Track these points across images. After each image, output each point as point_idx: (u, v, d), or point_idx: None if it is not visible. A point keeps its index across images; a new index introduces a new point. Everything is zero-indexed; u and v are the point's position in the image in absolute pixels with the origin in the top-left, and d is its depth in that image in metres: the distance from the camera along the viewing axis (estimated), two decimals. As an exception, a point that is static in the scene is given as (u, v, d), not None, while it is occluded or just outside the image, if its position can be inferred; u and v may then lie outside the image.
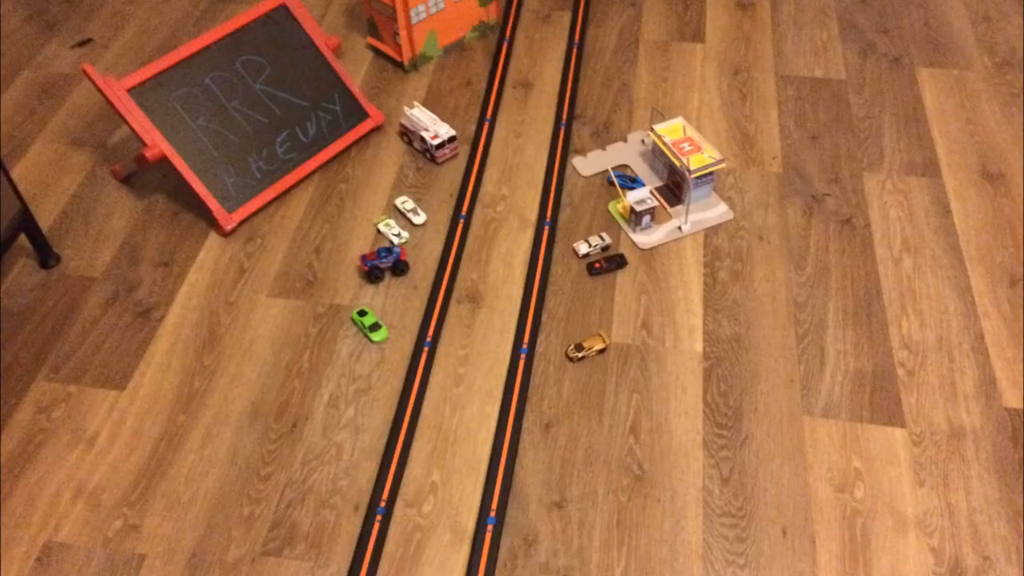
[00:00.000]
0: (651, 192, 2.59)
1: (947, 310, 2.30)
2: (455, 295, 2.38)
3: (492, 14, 3.23)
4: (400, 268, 2.43)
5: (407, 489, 1.98)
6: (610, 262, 2.43)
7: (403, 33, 3.00)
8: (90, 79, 2.45)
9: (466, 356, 2.23)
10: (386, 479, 1.99)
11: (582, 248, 2.47)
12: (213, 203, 2.55)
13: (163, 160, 2.55)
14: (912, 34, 3.18)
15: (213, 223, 2.60)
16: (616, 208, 2.61)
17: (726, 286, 2.38)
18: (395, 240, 2.52)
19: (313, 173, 2.76)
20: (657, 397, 2.13)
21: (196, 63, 2.61)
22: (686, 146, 2.56)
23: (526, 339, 2.25)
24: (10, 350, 2.26)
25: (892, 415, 2.08)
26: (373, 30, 3.14)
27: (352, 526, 1.93)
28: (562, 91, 3.00)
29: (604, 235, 2.50)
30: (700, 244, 2.50)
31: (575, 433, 2.07)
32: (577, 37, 3.21)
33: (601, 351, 2.23)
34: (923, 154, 2.73)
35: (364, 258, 2.41)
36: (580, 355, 2.20)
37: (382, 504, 1.94)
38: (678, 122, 2.65)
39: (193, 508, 1.96)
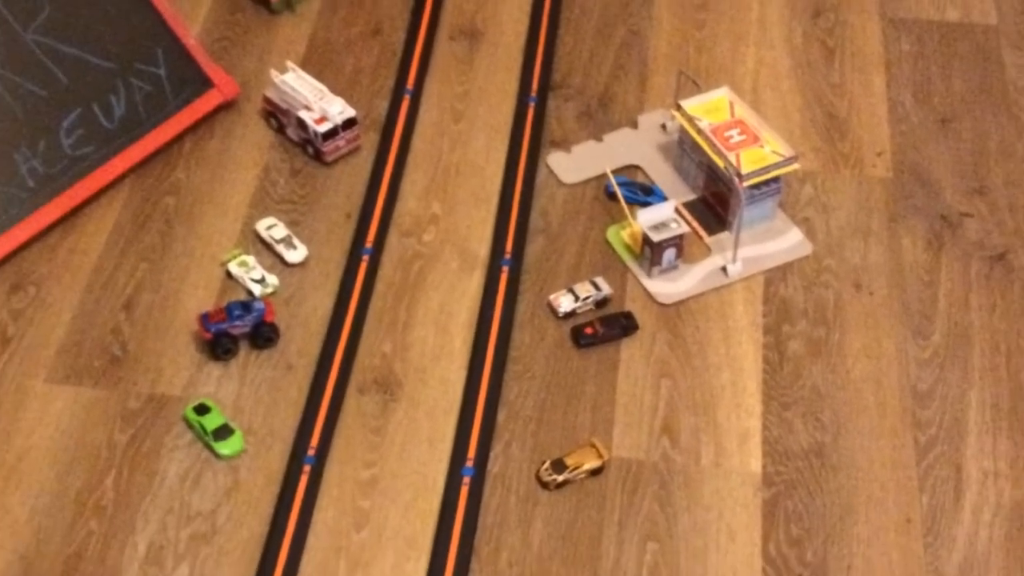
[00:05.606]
0: (677, 210, 2.62)
1: None
2: (355, 380, 2.43)
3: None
4: (265, 335, 2.47)
5: None
6: (610, 326, 2.48)
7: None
8: None
9: (373, 480, 2.28)
10: None
11: (564, 303, 2.52)
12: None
13: None
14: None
15: (-48, 262, 2.67)
16: (620, 237, 2.66)
17: (801, 365, 2.45)
18: (256, 290, 2.56)
19: (122, 179, 2.79)
20: (688, 548, 2.18)
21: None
22: (735, 134, 2.61)
23: (471, 453, 2.30)
24: None
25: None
26: (225, -52, 3.20)
27: None
28: (531, 44, 3.06)
29: (600, 281, 2.56)
30: (758, 296, 2.58)
31: (551, 609, 2.13)
32: (555, -43, 3.31)
33: (595, 472, 2.27)
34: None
35: (205, 319, 2.44)
36: (561, 478, 2.25)
37: None
38: (722, 95, 2.71)
39: None
